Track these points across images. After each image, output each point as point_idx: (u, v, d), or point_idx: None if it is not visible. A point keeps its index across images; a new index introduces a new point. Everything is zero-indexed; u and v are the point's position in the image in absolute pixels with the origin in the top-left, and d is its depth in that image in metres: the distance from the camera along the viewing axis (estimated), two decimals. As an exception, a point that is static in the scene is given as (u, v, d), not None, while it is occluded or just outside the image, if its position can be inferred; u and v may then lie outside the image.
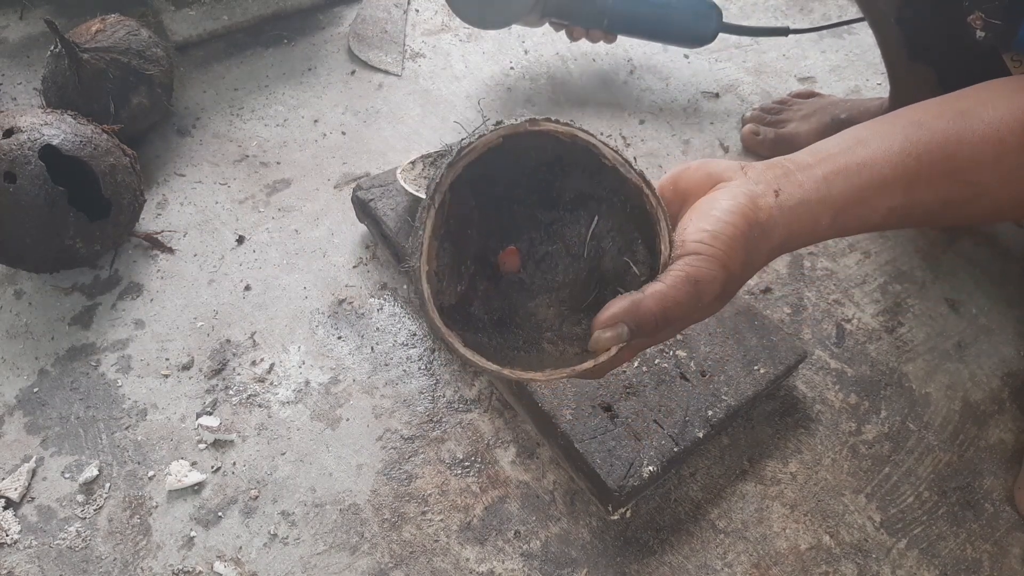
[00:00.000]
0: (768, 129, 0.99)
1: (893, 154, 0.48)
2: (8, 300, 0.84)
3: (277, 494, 0.69)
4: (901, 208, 0.49)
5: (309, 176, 0.98)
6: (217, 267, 0.88)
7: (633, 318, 0.41)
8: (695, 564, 0.65)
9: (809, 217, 0.46)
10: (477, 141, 0.44)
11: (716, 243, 0.42)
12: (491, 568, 0.65)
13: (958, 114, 0.49)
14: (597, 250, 0.50)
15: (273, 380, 0.77)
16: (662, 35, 1.03)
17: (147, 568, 0.64)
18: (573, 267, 0.51)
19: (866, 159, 0.48)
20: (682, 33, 1.02)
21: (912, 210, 0.49)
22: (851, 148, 0.49)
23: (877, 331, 0.82)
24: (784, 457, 0.72)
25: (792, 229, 0.46)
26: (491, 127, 0.44)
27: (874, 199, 0.48)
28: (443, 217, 0.46)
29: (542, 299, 0.51)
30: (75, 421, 0.74)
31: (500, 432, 0.73)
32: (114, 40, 0.92)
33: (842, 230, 0.49)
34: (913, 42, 0.78)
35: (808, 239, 0.48)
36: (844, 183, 0.47)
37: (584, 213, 0.51)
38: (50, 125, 0.78)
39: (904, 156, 0.48)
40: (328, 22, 1.21)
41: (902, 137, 0.48)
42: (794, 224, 0.46)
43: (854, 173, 0.47)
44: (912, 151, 0.48)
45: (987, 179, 0.48)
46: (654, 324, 0.42)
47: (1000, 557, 0.66)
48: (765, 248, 0.45)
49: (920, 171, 0.48)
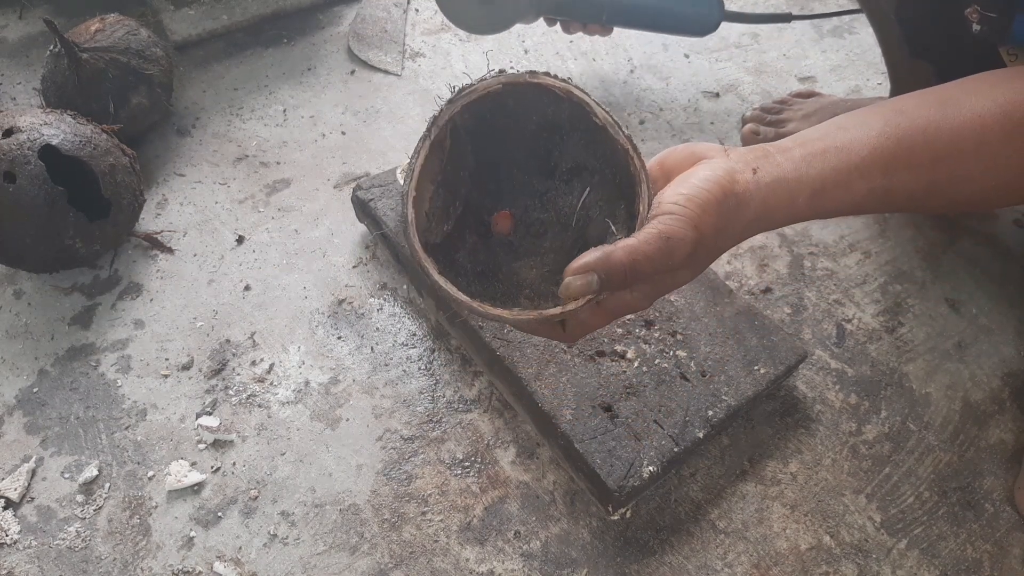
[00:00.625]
0: (768, 129, 0.99)
1: (871, 138, 0.49)
2: (8, 300, 0.84)
3: (277, 494, 0.69)
4: (881, 190, 0.49)
5: (309, 176, 0.98)
6: (217, 267, 0.87)
7: (603, 267, 0.43)
8: (695, 564, 0.65)
9: (786, 193, 0.47)
10: (478, 84, 0.47)
11: (690, 204, 0.44)
12: (491, 568, 0.65)
13: (941, 102, 0.50)
14: (585, 219, 0.52)
15: (273, 380, 0.77)
16: (663, 25, 0.99)
17: (147, 568, 0.64)
18: (561, 236, 0.53)
19: (845, 143, 0.49)
20: (684, 23, 0.98)
21: (893, 193, 0.50)
22: (831, 133, 0.50)
23: (877, 331, 0.82)
24: (784, 457, 0.72)
25: (768, 204, 0.47)
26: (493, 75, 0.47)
27: (852, 180, 0.49)
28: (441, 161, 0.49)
29: (527, 261, 0.53)
30: (75, 421, 0.74)
31: (500, 432, 0.73)
32: (113, 40, 0.92)
33: (821, 210, 0.49)
34: (913, 39, 0.78)
35: (785, 216, 0.49)
36: (821, 163, 0.48)
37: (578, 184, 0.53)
38: (50, 125, 0.78)
39: (883, 139, 0.49)
40: (328, 22, 1.21)
41: (882, 122, 0.49)
42: (770, 199, 0.47)
43: (832, 155, 0.49)
44: (892, 135, 0.49)
45: (970, 166, 0.49)
46: (623, 275, 0.43)
47: (1000, 557, 0.66)
48: (740, 220, 0.47)
49: (898, 154, 0.48)
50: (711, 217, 0.45)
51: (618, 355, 0.70)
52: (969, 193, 0.51)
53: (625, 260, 0.43)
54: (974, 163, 0.49)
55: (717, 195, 0.45)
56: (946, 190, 0.51)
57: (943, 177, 0.50)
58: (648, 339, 0.71)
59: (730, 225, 0.46)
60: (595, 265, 0.43)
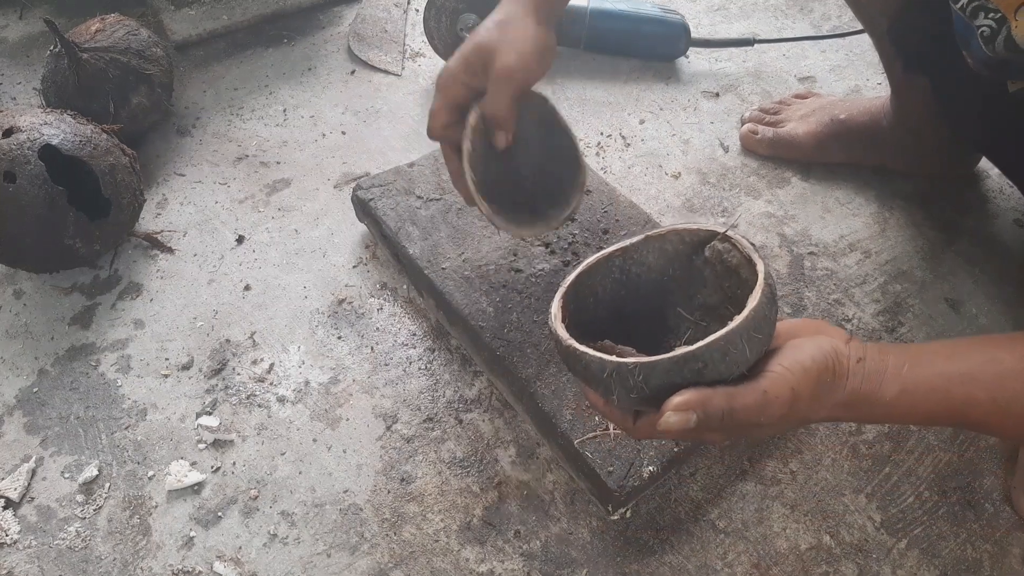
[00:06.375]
0: (767, 128, 0.99)
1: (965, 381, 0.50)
2: (8, 300, 0.84)
3: (277, 494, 0.69)
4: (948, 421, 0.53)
5: (309, 176, 0.98)
6: (217, 267, 0.87)
7: (702, 408, 0.45)
8: (695, 564, 0.65)
9: (876, 380, 0.49)
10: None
11: (794, 369, 0.47)
12: (491, 568, 0.65)
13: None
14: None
15: (273, 380, 0.77)
16: (635, 51, 1.13)
17: (147, 568, 0.64)
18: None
19: (952, 374, 0.50)
20: (654, 49, 1.13)
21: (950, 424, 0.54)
22: (943, 357, 0.51)
23: (877, 331, 0.82)
24: (784, 457, 0.72)
25: (859, 391, 0.49)
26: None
27: (951, 386, 0.50)
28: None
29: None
30: (75, 421, 0.74)
31: (500, 432, 0.73)
32: (114, 40, 0.92)
33: (903, 413, 0.51)
34: (907, 56, 0.79)
35: (868, 408, 0.50)
36: (916, 370, 0.50)
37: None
38: (50, 125, 0.78)
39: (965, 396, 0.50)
40: (328, 22, 1.21)
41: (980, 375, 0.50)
42: (862, 387, 0.49)
43: (940, 362, 0.50)
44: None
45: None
46: (719, 419, 0.45)
47: (1000, 557, 0.66)
48: (831, 397, 0.49)
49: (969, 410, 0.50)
50: (809, 386, 0.47)
51: (618, 355, 0.70)
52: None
53: (724, 406, 0.45)
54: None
55: (818, 370, 0.47)
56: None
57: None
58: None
59: (822, 398, 0.48)
60: (695, 405, 0.45)
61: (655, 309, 0.58)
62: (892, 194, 0.95)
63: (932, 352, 0.51)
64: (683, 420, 0.45)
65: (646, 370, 0.45)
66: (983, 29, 0.56)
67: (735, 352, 0.45)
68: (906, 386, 0.49)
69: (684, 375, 0.45)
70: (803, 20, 1.23)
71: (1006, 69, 0.59)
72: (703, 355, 0.45)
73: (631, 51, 1.13)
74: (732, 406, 0.45)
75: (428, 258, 0.78)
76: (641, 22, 1.10)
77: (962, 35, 0.60)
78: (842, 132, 0.95)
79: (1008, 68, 0.58)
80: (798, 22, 1.22)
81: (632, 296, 0.58)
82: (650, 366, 0.45)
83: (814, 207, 0.94)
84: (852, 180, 0.96)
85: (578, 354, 0.48)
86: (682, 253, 0.57)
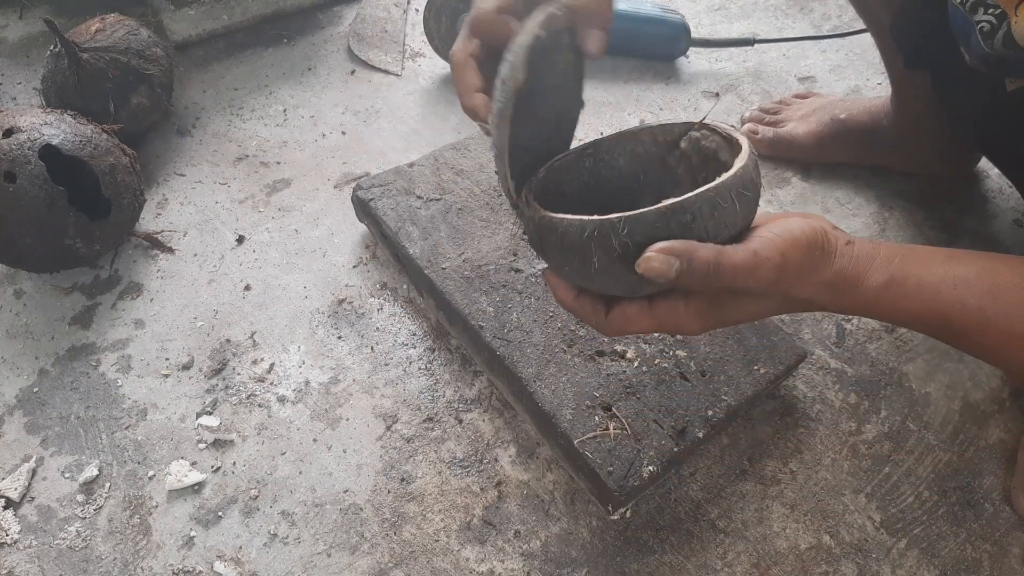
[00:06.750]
0: (767, 128, 0.99)
1: (959, 283, 0.49)
2: (8, 300, 0.84)
3: (277, 494, 0.69)
4: (937, 326, 0.51)
5: (309, 176, 0.98)
6: (217, 267, 0.88)
7: (687, 256, 0.42)
8: (695, 564, 0.65)
9: (864, 264, 0.48)
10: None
11: (784, 235, 0.46)
12: (491, 568, 0.65)
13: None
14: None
15: (273, 380, 0.77)
16: (637, 51, 1.14)
17: (147, 568, 0.64)
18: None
19: (945, 275, 0.49)
20: (655, 49, 1.13)
21: (939, 333, 0.51)
22: (939, 259, 0.50)
23: (877, 331, 0.82)
24: (784, 457, 0.72)
25: (845, 273, 0.48)
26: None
27: (937, 284, 0.49)
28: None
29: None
30: (75, 421, 0.74)
31: (500, 432, 0.73)
32: (114, 40, 0.92)
33: (887, 304, 0.50)
34: (909, 52, 0.79)
35: (852, 292, 0.49)
36: (907, 263, 0.49)
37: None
38: (50, 125, 0.78)
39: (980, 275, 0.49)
40: (328, 22, 1.21)
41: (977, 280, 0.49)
42: (848, 268, 0.48)
43: (926, 261, 0.49)
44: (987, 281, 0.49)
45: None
46: (704, 271, 0.43)
47: (1000, 557, 0.66)
48: (817, 275, 0.47)
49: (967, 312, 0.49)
50: (798, 254, 0.46)
51: (618, 355, 0.70)
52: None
53: (710, 258, 0.43)
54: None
55: (809, 238, 0.46)
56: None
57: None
58: (648, 339, 0.71)
59: (809, 274, 0.47)
60: (680, 252, 0.42)
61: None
62: (892, 194, 0.95)
63: (929, 252, 0.50)
64: (665, 264, 0.42)
65: (631, 223, 0.42)
66: (983, 24, 0.56)
67: (725, 206, 0.43)
68: (895, 276, 0.48)
69: (671, 228, 0.42)
70: (803, 20, 1.23)
71: (1004, 66, 0.59)
72: (691, 206, 0.42)
73: (631, 51, 1.14)
74: (720, 261, 0.43)
75: (428, 258, 0.78)
76: (641, 22, 1.10)
77: (960, 30, 0.60)
78: (842, 132, 0.95)
79: (1006, 65, 0.58)
80: (798, 22, 1.22)
81: (601, 200, 0.54)
82: (635, 218, 0.42)
83: (814, 207, 0.94)
84: (852, 180, 0.96)
85: (554, 222, 0.45)
86: (654, 156, 0.55)
